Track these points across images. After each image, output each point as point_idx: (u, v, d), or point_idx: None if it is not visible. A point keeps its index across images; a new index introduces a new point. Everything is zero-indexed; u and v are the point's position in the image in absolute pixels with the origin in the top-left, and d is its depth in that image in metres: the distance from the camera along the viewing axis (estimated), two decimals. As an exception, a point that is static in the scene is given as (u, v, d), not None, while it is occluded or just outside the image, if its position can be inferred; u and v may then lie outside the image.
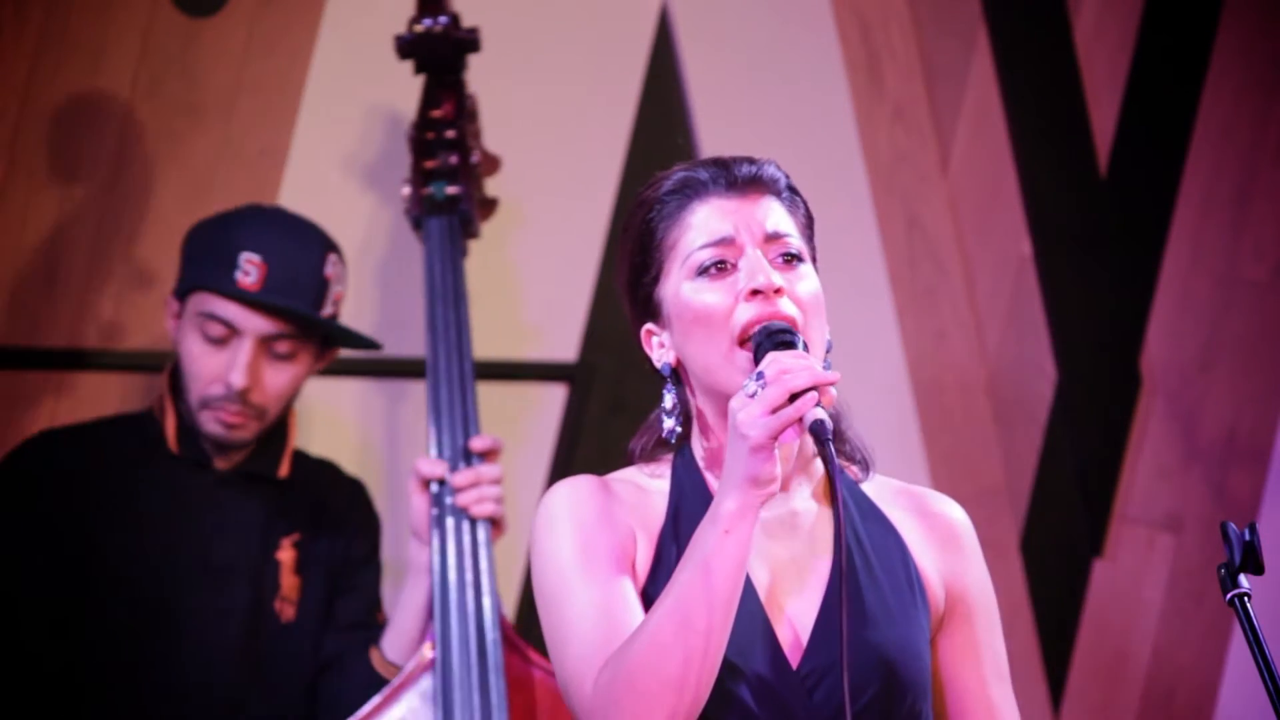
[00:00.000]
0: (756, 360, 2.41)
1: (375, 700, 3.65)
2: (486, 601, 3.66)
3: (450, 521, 3.70)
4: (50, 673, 3.66)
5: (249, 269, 3.67)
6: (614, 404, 4.37)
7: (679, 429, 2.54)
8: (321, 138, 4.28)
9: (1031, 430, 4.56)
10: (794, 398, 2.32)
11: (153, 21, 4.23)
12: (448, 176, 3.92)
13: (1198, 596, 4.53)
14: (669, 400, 2.53)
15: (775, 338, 2.42)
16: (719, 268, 2.49)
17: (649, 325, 2.55)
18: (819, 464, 2.55)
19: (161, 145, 4.22)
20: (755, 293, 2.46)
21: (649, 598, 2.44)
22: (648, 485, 2.54)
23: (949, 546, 2.58)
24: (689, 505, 2.51)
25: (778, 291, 2.46)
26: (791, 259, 2.50)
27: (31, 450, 3.77)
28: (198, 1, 4.25)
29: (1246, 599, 2.47)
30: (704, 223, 2.50)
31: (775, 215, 2.51)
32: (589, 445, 4.36)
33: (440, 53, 3.96)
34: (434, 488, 3.72)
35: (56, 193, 4.18)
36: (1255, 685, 2.47)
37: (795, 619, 2.46)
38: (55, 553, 3.67)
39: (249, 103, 4.27)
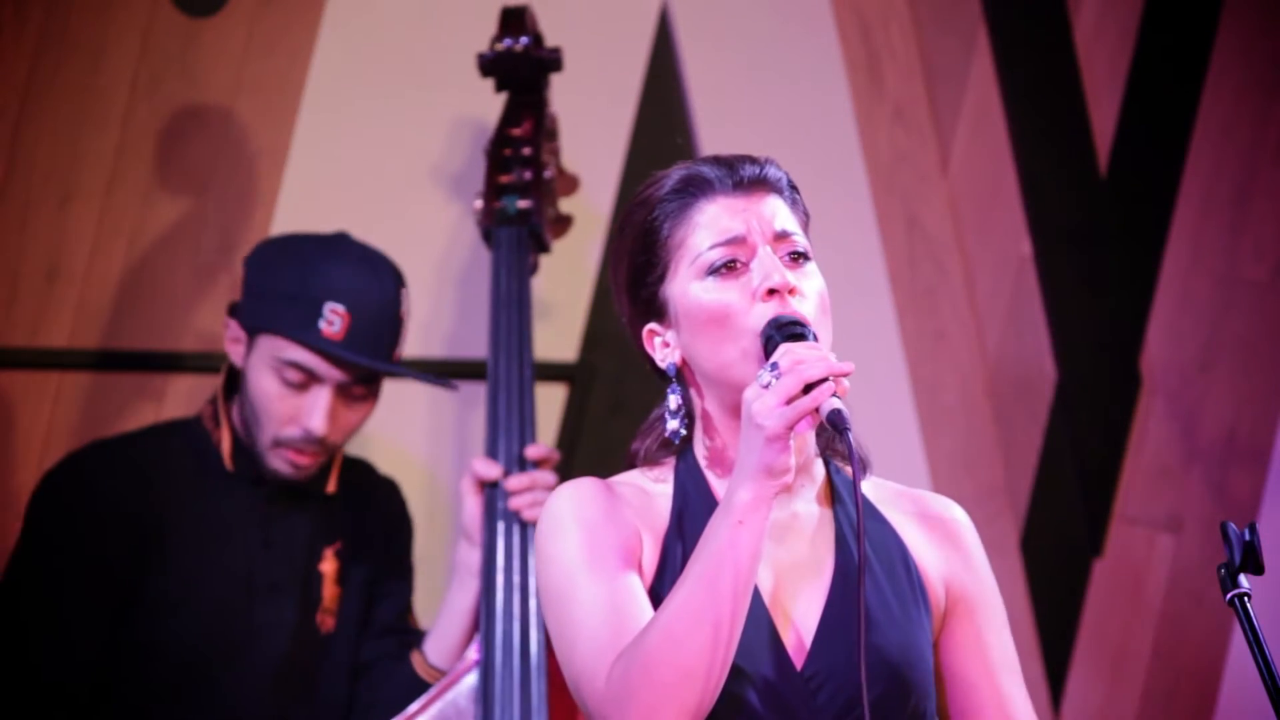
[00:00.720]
0: (767, 353, 2.41)
1: (422, 699, 3.66)
2: (533, 604, 3.67)
3: (501, 525, 3.71)
4: (98, 688, 3.63)
5: (333, 319, 3.63)
6: (614, 404, 4.37)
7: (684, 430, 2.54)
8: (321, 138, 4.28)
9: (1031, 430, 4.56)
10: (809, 388, 2.33)
11: (153, 21, 4.23)
12: (520, 191, 3.93)
13: (1198, 596, 4.52)
14: (674, 401, 2.53)
15: (785, 329, 2.42)
16: (729, 267, 2.49)
17: (651, 325, 2.55)
18: (820, 466, 2.56)
19: (161, 145, 4.22)
20: (772, 292, 2.46)
21: (656, 597, 2.44)
22: (651, 488, 2.54)
23: (950, 546, 2.58)
24: (693, 507, 2.50)
25: (792, 291, 2.46)
26: (799, 257, 2.51)
27: (82, 462, 3.72)
28: (198, 1, 4.25)
29: (1246, 599, 2.47)
30: (713, 221, 2.50)
31: (782, 214, 2.52)
32: (589, 445, 4.36)
33: (520, 72, 3.98)
34: (487, 490, 3.73)
35: (55, 194, 4.18)
36: (1255, 685, 2.47)
37: (799, 621, 2.46)
38: (105, 568, 3.63)
39: (249, 103, 4.27)
